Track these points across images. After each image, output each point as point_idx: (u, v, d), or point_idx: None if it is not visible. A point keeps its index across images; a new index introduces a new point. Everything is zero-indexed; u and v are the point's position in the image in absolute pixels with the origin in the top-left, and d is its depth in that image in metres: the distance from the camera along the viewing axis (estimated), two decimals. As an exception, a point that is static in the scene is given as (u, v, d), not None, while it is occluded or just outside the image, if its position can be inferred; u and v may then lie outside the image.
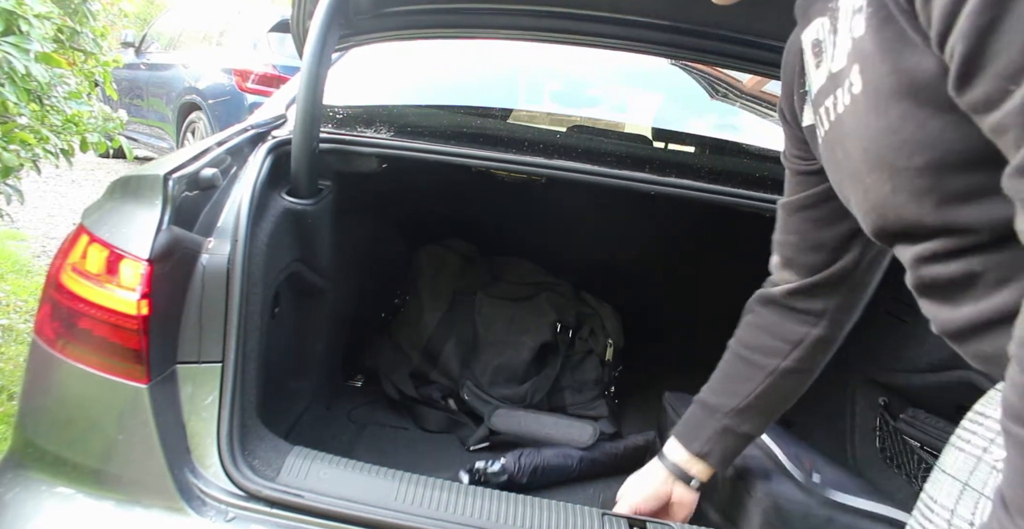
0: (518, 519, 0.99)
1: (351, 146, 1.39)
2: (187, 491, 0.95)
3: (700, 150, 2.21)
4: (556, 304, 2.05)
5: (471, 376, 1.92)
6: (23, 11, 1.70)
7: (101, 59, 2.41)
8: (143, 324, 0.96)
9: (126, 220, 1.01)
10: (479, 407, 1.82)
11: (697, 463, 1.06)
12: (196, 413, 1.01)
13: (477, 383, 1.89)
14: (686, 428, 1.08)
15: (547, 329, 1.99)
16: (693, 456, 1.06)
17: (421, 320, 2.02)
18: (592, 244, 2.18)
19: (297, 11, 1.39)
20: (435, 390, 1.90)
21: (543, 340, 1.97)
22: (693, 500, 1.09)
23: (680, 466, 1.07)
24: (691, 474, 1.07)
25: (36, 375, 1.04)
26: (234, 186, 1.17)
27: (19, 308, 2.86)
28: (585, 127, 2.24)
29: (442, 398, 1.89)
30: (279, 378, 1.35)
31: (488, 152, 1.39)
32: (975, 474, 0.68)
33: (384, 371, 1.92)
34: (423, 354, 1.98)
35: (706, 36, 1.51)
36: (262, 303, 1.13)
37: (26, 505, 0.96)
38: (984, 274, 0.57)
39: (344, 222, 1.54)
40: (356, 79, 1.93)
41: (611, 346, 2.02)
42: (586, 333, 2.04)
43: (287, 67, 5.07)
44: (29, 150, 1.95)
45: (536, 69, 2.59)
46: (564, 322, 2.02)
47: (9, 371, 2.30)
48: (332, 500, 0.96)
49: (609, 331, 2.04)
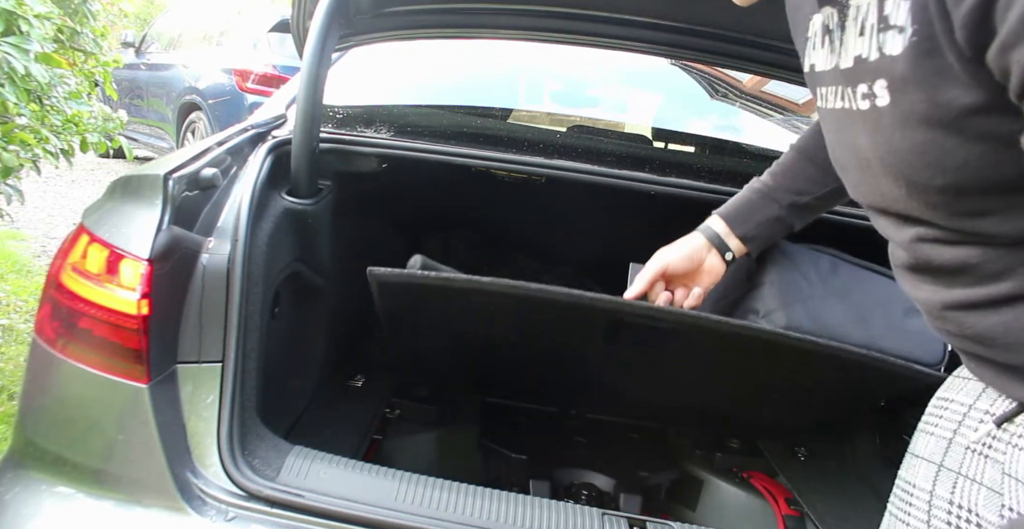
0: (518, 519, 0.99)
1: (351, 146, 1.39)
2: (187, 491, 0.95)
3: (700, 150, 2.21)
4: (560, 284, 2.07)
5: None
6: (23, 11, 1.71)
7: (101, 59, 2.42)
8: (143, 324, 0.96)
9: (126, 220, 1.01)
10: None
11: (736, 241, 1.10)
12: (196, 413, 1.01)
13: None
14: (737, 210, 1.10)
15: None
16: (736, 236, 1.09)
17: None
18: (592, 245, 2.18)
19: (297, 11, 1.39)
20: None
21: None
22: (722, 270, 1.11)
23: (721, 237, 1.09)
24: (730, 246, 1.10)
25: (36, 375, 1.04)
26: (234, 186, 1.17)
27: (19, 308, 2.86)
28: (585, 127, 2.24)
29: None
30: (279, 378, 1.35)
31: (488, 152, 1.39)
32: (948, 455, 0.70)
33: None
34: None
35: (706, 36, 1.51)
36: (262, 303, 1.13)
37: (26, 505, 0.96)
38: (985, 265, 0.58)
39: (344, 222, 1.54)
40: (356, 79, 1.93)
41: None
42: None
43: (287, 67, 5.08)
44: (29, 150, 1.95)
45: (536, 69, 2.59)
46: None
47: (9, 371, 2.30)
48: (332, 500, 0.96)
49: None
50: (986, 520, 0.63)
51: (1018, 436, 0.61)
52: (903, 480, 0.77)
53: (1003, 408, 0.64)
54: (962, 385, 0.72)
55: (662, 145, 2.22)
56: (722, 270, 1.10)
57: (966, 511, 0.66)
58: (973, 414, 0.68)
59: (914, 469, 0.75)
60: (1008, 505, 0.61)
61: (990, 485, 0.64)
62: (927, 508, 0.71)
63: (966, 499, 0.66)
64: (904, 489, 0.76)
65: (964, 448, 0.68)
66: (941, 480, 0.70)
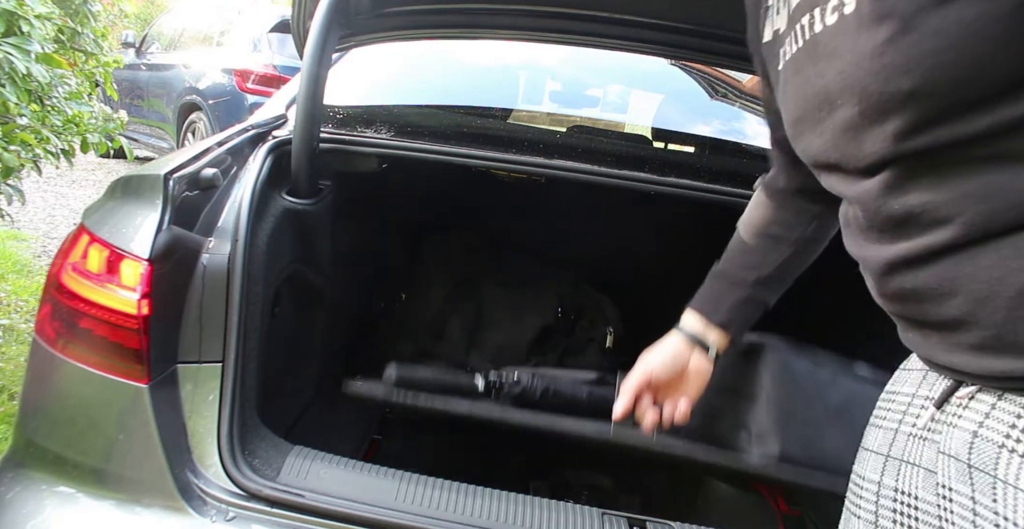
0: (518, 519, 0.99)
1: (351, 146, 1.39)
2: (187, 490, 0.95)
3: (700, 150, 2.21)
4: (558, 291, 2.08)
5: (475, 356, 1.94)
6: (24, 12, 1.71)
7: (102, 59, 2.42)
8: (143, 324, 0.96)
9: (126, 220, 1.01)
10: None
11: (715, 331, 1.08)
12: (196, 413, 1.01)
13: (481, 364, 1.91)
14: (705, 300, 1.09)
15: (549, 313, 2.02)
16: (713, 326, 1.07)
17: (426, 303, 2.05)
18: (592, 244, 2.18)
19: (297, 11, 1.39)
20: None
21: (545, 322, 1.99)
22: (708, 370, 1.09)
23: (698, 335, 1.08)
24: (709, 342, 1.08)
25: (37, 375, 1.04)
26: (234, 186, 1.17)
27: (20, 308, 2.86)
28: (585, 127, 2.24)
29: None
30: (279, 377, 1.35)
31: (488, 152, 1.39)
32: (894, 445, 0.71)
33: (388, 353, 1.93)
34: (428, 335, 2.01)
35: (706, 36, 1.51)
36: (262, 303, 1.13)
37: (27, 504, 0.96)
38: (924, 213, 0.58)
39: (344, 222, 1.54)
40: (356, 79, 1.93)
41: (611, 334, 2.03)
42: (586, 322, 2.06)
43: (287, 67, 5.08)
44: (30, 151, 1.95)
45: (536, 69, 2.60)
46: (565, 308, 2.05)
47: (10, 371, 2.30)
48: (332, 500, 0.96)
49: (609, 319, 2.06)
50: (924, 501, 0.64)
51: (953, 414, 0.63)
52: (856, 474, 0.78)
53: (940, 389, 0.65)
54: (906, 377, 0.74)
55: (662, 145, 2.22)
56: (708, 370, 1.08)
57: (907, 496, 0.67)
58: (915, 402, 0.70)
59: (863, 462, 0.76)
60: (941, 482, 0.62)
61: (927, 466, 0.65)
62: (875, 499, 0.72)
63: (907, 484, 0.67)
64: (856, 483, 0.77)
65: (907, 436, 0.69)
66: (888, 470, 0.71)
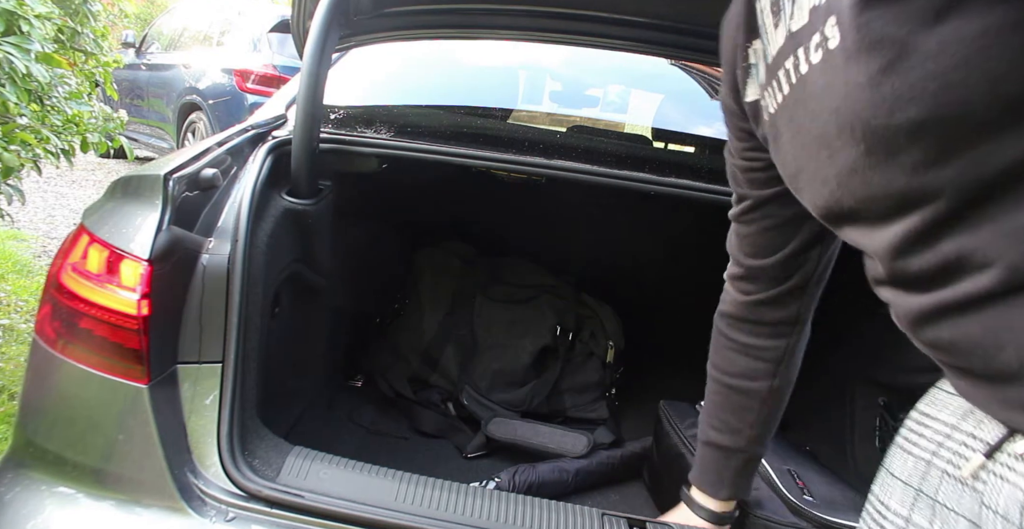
0: (518, 519, 0.99)
1: (351, 146, 1.39)
2: (187, 491, 0.95)
3: (700, 150, 2.21)
4: (556, 307, 2.04)
5: (470, 380, 1.92)
6: (24, 11, 1.71)
7: (102, 59, 2.42)
8: (143, 324, 0.96)
9: (126, 220, 1.01)
10: (478, 411, 1.82)
11: (728, 503, 1.11)
12: (196, 413, 1.01)
13: (476, 388, 1.89)
14: (707, 476, 1.10)
15: (547, 333, 1.98)
16: (724, 501, 1.10)
17: (421, 324, 2.02)
18: (592, 244, 2.18)
19: (297, 11, 1.39)
20: (435, 394, 1.90)
21: (543, 344, 1.96)
22: None
23: (716, 513, 1.10)
24: (726, 515, 1.11)
25: (37, 375, 1.04)
26: (234, 186, 1.17)
27: (20, 308, 2.86)
28: (585, 127, 2.24)
29: (442, 402, 1.89)
30: (279, 378, 1.35)
31: (488, 152, 1.39)
32: (927, 480, 0.66)
33: (382, 374, 1.92)
34: (423, 358, 1.98)
35: (706, 36, 1.51)
36: (262, 303, 1.13)
37: (27, 505, 0.96)
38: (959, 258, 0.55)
39: (344, 222, 1.54)
40: (356, 79, 1.93)
41: (612, 348, 2.01)
42: (586, 336, 2.04)
43: (287, 67, 5.07)
44: (30, 150, 1.95)
45: (536, 69, 2.60)
46: (564, 325, 2.02)
47: (10, 371, 2.30)
48: (332, 500, 0.96)
49: (609, 333, 2.03)
50: None
51: (1005, 466, 0.57)
52: (877, 499, 0.73)
53: (991, 432, 0.60)
54: (947, 401, 0.67)
55: (662, 145, 2.22)
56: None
57: None
58: (956, 436, 0.64)
59: (889, 490, 0.71)
60: None
61: (969, 517, 0.61)
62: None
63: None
64: (878, 510, 0.72)
65: (943, 473, 0.65)
66: (919, 507, 0.66)
